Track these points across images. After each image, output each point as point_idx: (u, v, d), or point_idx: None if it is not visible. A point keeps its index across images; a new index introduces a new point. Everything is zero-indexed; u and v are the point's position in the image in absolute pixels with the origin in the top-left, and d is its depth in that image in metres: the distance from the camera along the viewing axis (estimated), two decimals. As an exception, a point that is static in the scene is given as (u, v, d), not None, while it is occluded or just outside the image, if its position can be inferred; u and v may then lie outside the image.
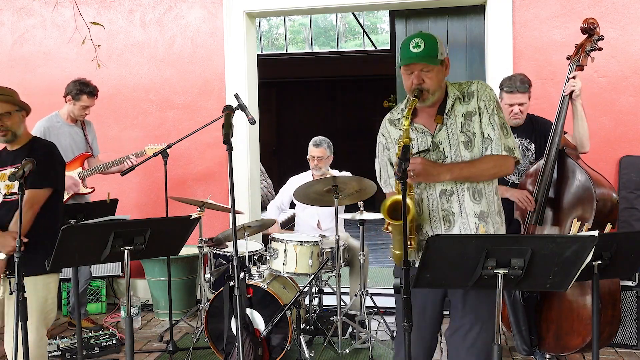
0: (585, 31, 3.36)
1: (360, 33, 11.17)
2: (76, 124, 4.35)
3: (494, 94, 2.42)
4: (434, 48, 2.29)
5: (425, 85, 2.29)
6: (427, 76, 2.29)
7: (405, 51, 2.28)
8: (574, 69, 3.38)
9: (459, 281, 2.02)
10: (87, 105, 4.25)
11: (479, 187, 2.39)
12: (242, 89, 4.82)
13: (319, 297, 4.43)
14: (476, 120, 2.36)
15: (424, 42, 2.26)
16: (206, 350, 3.86)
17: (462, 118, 2.37)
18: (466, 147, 2.36)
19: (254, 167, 5.08)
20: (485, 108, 2.37)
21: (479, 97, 2.38)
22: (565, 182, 3.35)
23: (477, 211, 2.38)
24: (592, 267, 2.25)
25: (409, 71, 2.30)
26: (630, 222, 4.28)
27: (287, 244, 3.76)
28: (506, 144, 2.37)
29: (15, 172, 2.45)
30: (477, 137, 2.36)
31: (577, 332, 3.19)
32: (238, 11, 4.87)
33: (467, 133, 2.36)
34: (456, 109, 2.38)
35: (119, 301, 5.01)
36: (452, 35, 4.82)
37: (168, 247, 2.73)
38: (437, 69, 2.31)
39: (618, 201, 3.29)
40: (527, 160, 3.58)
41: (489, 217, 2.39)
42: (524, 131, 3.61)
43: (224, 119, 2.45)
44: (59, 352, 3.78)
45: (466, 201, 2.37)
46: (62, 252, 2.36)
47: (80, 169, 4.30)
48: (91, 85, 4.25)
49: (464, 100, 2.39)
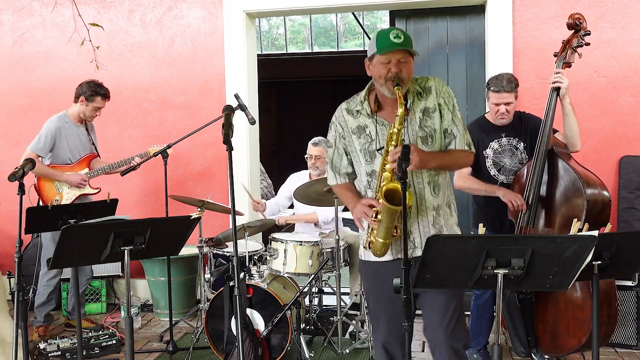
0: (571, 27, 3.30)
1: (360, 33, 11.16)
2: (82, 124, 4.33)
3: (451, 91, 2.49)
4: (410, 42, 2.36)
5: (402, 74, 2.32)
6: (404, 66, 2.32)
7: (386, 40, 2.31)
8: (561, 66, 3.32)
9: (459, 281, 2.02)
10: (100, 107, 4.25)
11: (439, 181, 2.46)
12: (242, 89, 4.82)
13: (319, 297, 4.44)
14: (436, 116, 2.42)
15: (403, 35, 2.33)
16: (206, 350, 3.86)
17: (420, 114, 2.42)
18: (424, 142, 2.41)
19: (254, 167, 5.08)
20: (445, 105, 2.43)
21: (437, 93, 2.43)
22: (556, 182, 3.30)
23: (435, 204, 2.45)
24: (592, 267, 2.24)
25: (387, 60, 2.32)
26: (630, 222, 4.27)
27: (287, 244, 3.75)
28: (467, 139, 2.49)
29: (16, 172, 2.45)
30: (437, 133, 2.43)
31: (573, 333, 3.17)
32: (238, 11, 4.87)
33: (426, 129, 2.41)
34: (415, 104, 2.42)
35: (119, 301, 5.01)
36: (452, 35, 4.82)
37: (168, 247, 2.73)
38: (411, 61, 2.37)
39: (610, 200, 3.23)
40: (515, 159, 3.50)
41: (441, 209, 2.47)
42: (513, 130, 3.53)
43: (224, 119, 2.45)
44: (59, 352, 3.77)
45: (426, 195, 2.43)
46: (62, 252, 2.36)
47: (87, 169, 4.30)
48: (105, 87, 4.24)
49: (422, 95, 2.44)
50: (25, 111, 5.18)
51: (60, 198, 4.20)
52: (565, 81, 3.28)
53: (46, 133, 4.15)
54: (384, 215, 2.30)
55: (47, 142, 4.14)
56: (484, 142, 3.51)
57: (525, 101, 4.11)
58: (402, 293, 2.05)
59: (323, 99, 12.13)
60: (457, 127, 2.45)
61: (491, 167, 3.52)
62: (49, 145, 4.16)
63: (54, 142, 4.17)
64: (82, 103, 4.20)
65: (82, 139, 4.32)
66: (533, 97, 4.35)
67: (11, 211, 3.42)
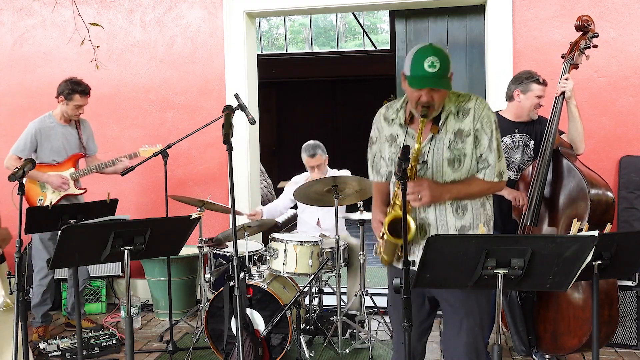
0: (579, 28, 3.34)
1: (360, 33, 11.17)
2: (70, 123, 4.30)
3: (493, 115, 2.34)
4: (447, 68, 2.22)
5: (433, 102, 2.23)
6: (436, 95, 2.22)
7: (420, 69, 2.18)
8: (569, 67, 3.36)
9: (459, 281, 2.01)
10: (81, 105, 4.20)
11: (464, 202, 2.35)
12: (242, 89, 4.82)
13: (319, 297, 4.43)
14: (469, 141, 2.29)
15: (439, 62, 2.17)
16: (206, 350, 3.86)
17: (452, 135, 2.30)
18: (450, 164, 2.29)
19: (254, 167, 5.08)
20: (483, 130, 2.29)
21: (475, 117, 2.29)
22: (560, 182, 3.35)
23: (459, 225, 2.34)
24: (592, 267, 2.24)
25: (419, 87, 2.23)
26: (630, 222, 4.27)
27: (287, 244, 3.75)
28: (499, 169, 2.34)
29: (16, 172, 2.45)
30: (468, 158, 2.30)
31: (574, 332, 3.19)
32: (238, 11, 4.87)
33: (455, 151, 2.29)
34: (448, 124, 2.31)
35: (119, 301, 5.01)
36: (452, 35, 4.82)
37: (168, 247, 2.73)
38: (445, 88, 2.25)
39: (614, 200, 3.27)
40: (525, 156, 3.57)
41: (470, 230, 2.35)
42: (527, 127, 3.60)
43: (224, 119, 2.45)
44: (59, 352, 3.77)
45: (447, 215, 2.34)
46: (62, 252, 2.36)
47: (72, 169, 4.27)
48: (83, 83, 4.19)
49: (458, 116, 2.31)
50: (25, 111, 5.18)
51: (44, 198, 4.19)
52: (570, 84, 3.33)
53: (26, 135, 4.19)
54: (386, 241, 2.36)
55: (27, 144, 4.17)
56: None
57: (525, 101, 4.11)
58: (402, 293, 2.05)
59: (323, 99, 12.16)
60: (492, 155, 2.31)
61: None
62: (30, 147, 4.17)
63: (36, 144, 4.18)
64: (62, 102, 4.19)
65: (69, 139, 4.28)
66: (533, 97, 4.34)
67: (11, 211, 3.42)
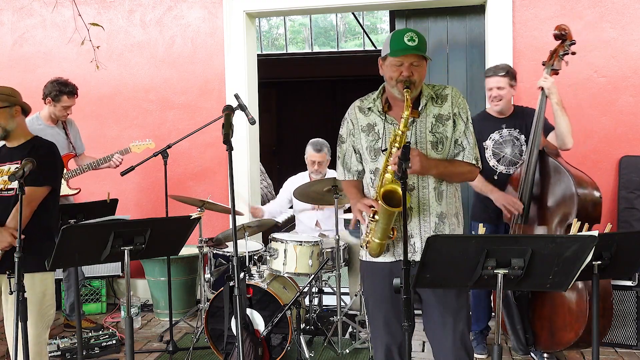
0: (557, 37, 3.49)
1: (360, 33, 11.16)
2: (57, 124, 4.30)
3: (466, 104, 2.49)
4: (425, 45, 2.36)
5: (414, 78, 2.33)
6: (416, 70, 2.33)
7: (400, 43, 2.31)
8: (550, 73, 3.49)
9: (459, 281, 2.02)
10: (68, 105, 4.19)
11: (442, 188, 2.45)
12: (242, 89, 4.82)
13: (319, 297, 4.43)
14: (449, 125, 2.42)
15: (418, 37, 2.32)
16: (206, 350, 3.86)
17: (433, 119, 2.42)
18: (434, 147, 2.41)
19: (254, 167, 5.08)
20: (459, 116, 2.44)
21: (453, 103, 2.44)
22: (548, 181, 3.42)
23: (439, 211, 2.44)
24: (592, 267, 2.25)
25: (399, 63, 2.33)
26: (630, 222, 4.27)
27: (287, 244, 3.76)
28: (475, 154, 2.47)
29: (16, 172, 2.45)
30: (448, 141, 2.43)
31: (570, 326, 3.23)
32: (238, 11, 4.87)
33: (437, 134, 2.41)
34: (428, 109, 2.42)
35: (119, 301, 5.01)
36: (452, 35, 4.82)
37: (168, 247, 2.73)
38: (424, 64, 2.38)
39: (601, 197, 3.35)
40: (516, 149, 3.64)
41: (446, 218, 2.45)
42: (514, 122, 3.69)
43: (224, 119, 2.45)
44: (59, 352, 3.77)
45: (430, 200, 2.43)
46: (62, 252, 2.36)
47: (64, 170, 4.28)
48: (70, 84, 4.18)
49: (437, 102, 2.44)
50: (25, 111, 5.17)
51: None
52: (548, 82, 3.44)
53: None
54: (381, 216, 2.31)
55: None
56: (483, 134, 3.64)
57: (525, 101, 4.10)
58: (402, 293, 2.05)
59: (323, 99, 12.14)
60: (467, 140, 2.44)
61: (490, 157, 3.66)
62: None
63: None
64: (50, 104, 4.17)
65: (58, 140, 4.23)
66: (533, 96, 4.32)
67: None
